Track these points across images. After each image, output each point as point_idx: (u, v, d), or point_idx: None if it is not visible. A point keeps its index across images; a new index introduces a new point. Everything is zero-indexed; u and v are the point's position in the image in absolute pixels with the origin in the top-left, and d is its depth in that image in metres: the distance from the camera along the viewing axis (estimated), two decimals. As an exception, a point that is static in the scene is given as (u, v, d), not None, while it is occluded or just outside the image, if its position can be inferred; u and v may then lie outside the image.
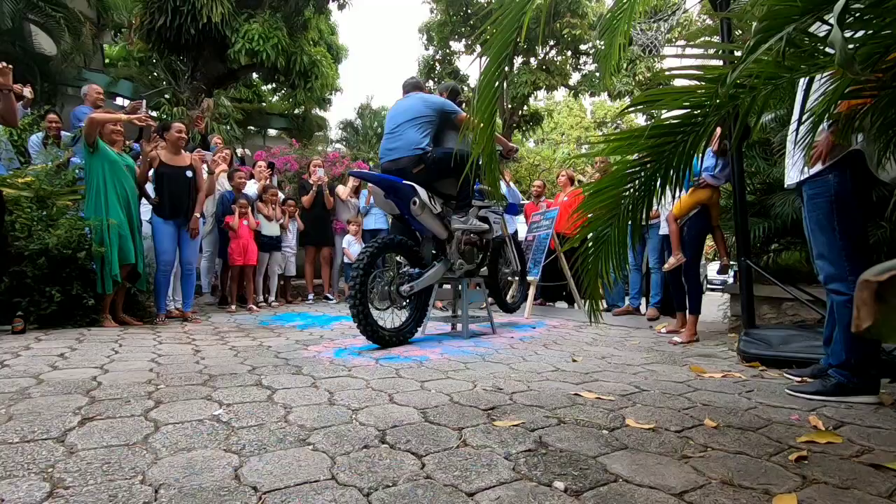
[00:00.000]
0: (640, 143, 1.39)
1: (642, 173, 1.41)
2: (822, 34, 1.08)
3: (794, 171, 2.13)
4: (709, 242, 3.78)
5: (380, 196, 3.23)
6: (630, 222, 1.49)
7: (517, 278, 4.42)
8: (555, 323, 4.42)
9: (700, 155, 1.42)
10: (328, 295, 6.10)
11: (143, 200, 4.05)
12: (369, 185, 3.28)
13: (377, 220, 6.03)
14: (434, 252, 3.39)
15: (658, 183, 1.40)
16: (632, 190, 1.44)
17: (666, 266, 3.39)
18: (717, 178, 3.27)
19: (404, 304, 3.20)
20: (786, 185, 2.23)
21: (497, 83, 1.46)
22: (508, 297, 4.59)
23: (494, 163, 1.59)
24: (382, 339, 2.96)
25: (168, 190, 4.04)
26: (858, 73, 0.94)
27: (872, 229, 3.01)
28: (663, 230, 3.72)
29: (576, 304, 5.56)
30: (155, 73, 10.77)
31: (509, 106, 15.76)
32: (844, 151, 1.88)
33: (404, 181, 3.12)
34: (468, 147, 3.08)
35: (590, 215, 1.55)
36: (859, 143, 1.85)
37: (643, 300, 5.09)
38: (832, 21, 0.84)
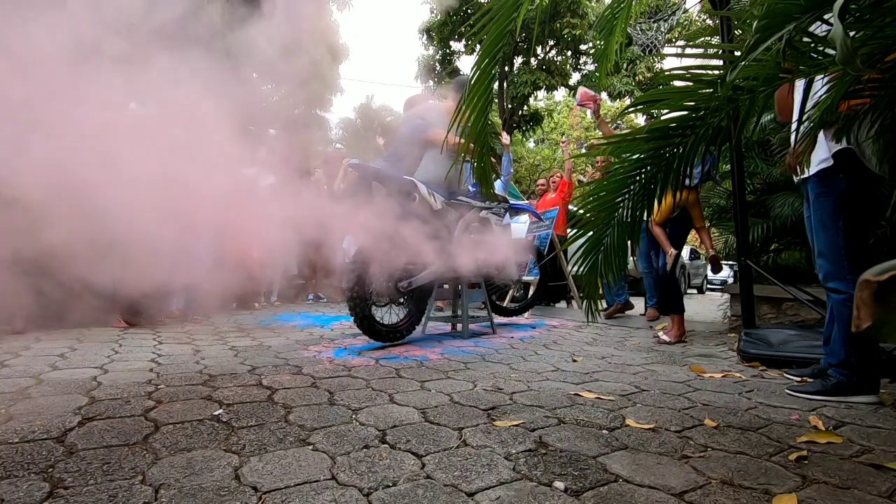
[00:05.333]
0: (639, 144, 1.39)
1: (641, 176, 1.41)
2: (821, 35, 1.08)
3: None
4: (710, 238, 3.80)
5: (381, 192, 3.24)
6: (630, 225, 1.48)
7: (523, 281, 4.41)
8: (555, 323, 4.42)
9: (700, 157, 1.42)
10: (320, 295, 6.11)
11: None
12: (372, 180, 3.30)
13: None
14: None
15: (658, 185, 1.40)
16: (631, 193, 1.44)
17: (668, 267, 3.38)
18: (693, 177, 3.28)
19: (401, 300, 3.20)
20: (795, 181, 2.23)
21: (492, 72, 1.44)
22: (507, 300, 4.58)
23: (487, 158, 1.57)
24: (379, 334, 2.96)
25: None
26: (860, 69, 0.94)
27: (872, 229, 3.01)
28: None
29: (574, 304, 5.56)
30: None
31: (509, 106, 15.76)
32: (837, 148, 1.88)
33: (405, 176, 3.13)
34: (439, 165, 3.13)
35: (589, 216, 1.55)
36: (851, 142, 1.84)
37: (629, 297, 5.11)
38: (833, 17, 0.84)
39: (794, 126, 1.95)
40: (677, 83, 1.35)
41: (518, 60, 15.74)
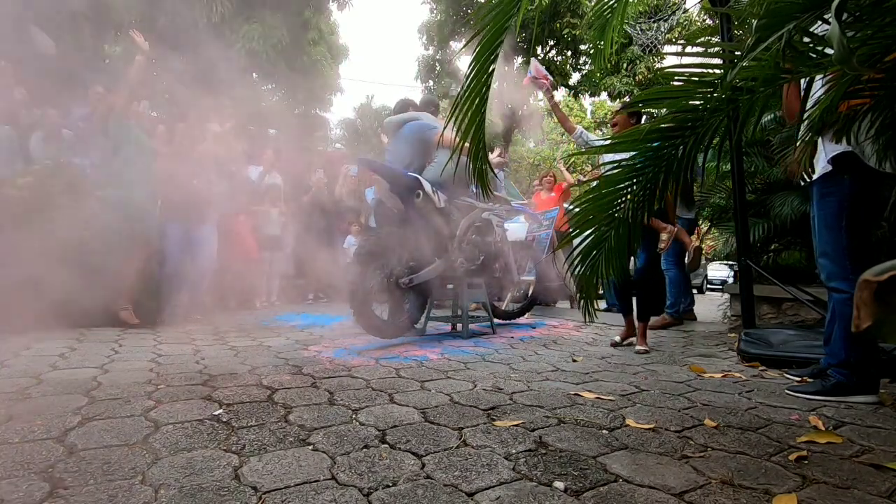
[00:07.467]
0: (638, 144, 1.39)
1: (640, 176, 1.40)
2: (821, 34, 1.08)
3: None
4: (710, 243, 3.77)
5: (385, 189, 3.24)
6: (630, 225, 1.48)
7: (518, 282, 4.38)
8: (555, 323, 4.42)
9: (702, 157, 1.41)
10: (321, 294, 6.11)
11: None
12: (376, 177, 3.30)
13: None
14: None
15: (659, 184, 1.40)
16: (630, 193, 1.43)
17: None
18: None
19: (404, 297, 3.21)
20: (802, 184, 2.22)
21: (490, 69, 1.43)
22: (505, 303, 4.56)
23: (484, 158, 1.55)
24: (379, 329, 2.96)
25: None
26: (857, 68, 0.94)
27: (873, 229, 3.01)
28: None
29: (571, 303, 5.55)
30: (155, 73, 10.78)
31: (509, 106, 15.75)
32: (835, 152, 1.88)
33: (409, 173, 3.12)
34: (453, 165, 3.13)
35: (590, 216, 1.54)
36: (853, 144, 1.84)
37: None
38: (830, 16, 0.84)
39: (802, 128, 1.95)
40: (677, 83, 1.35)
41: (518, 60, 15.74)
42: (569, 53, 15.84)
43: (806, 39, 1.11)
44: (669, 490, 1.10)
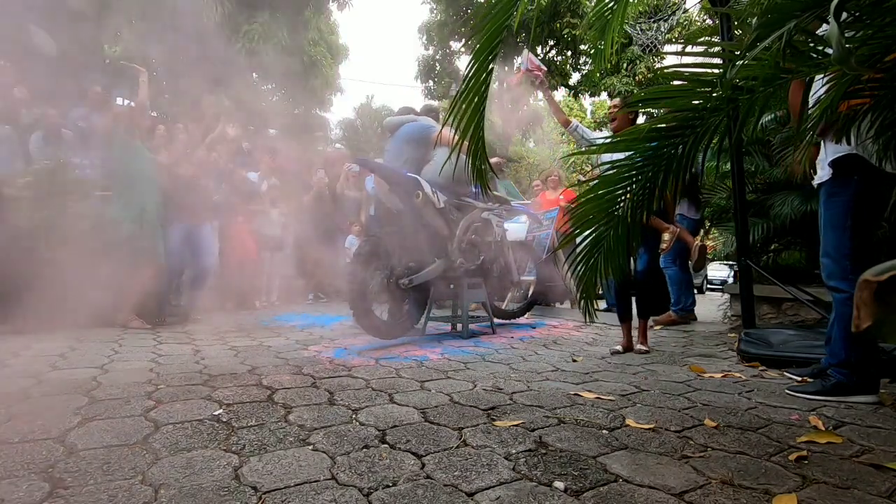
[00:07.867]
0: (637, 144, 1.39)
1: (639, 175, 1.40)
2: (821, 34, 1.08)
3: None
4: (710, 243, 3.77)
5: (385, 189, 3.24)
6: (629, 224, 1.47)
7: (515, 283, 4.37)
8: (555, 323, 4.42)
9: (702, 156, 1.41)
10: (320, 294, 6.10)
11: None
12: (375, 176, 3.30)
13: None
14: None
15: (659, 184, 1.40)
16: (629, 192, 1.43)
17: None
18: None
19: (404, 297, 3.21)
20: (815, 185, 2.21)
21: (489, 67, 1.43)
22: (505, 303, 4.56)
23: (483, 156, 1.55)
24: (379, 330, 2.97)
25: None
26: (856, 68, 0.94)
27: (874, 230, 3.01)
28: None
29: (572, 304, 5.55)
30: (155, 73, 10.79)
31: (509, 106, 15.76)
32: (835, 156, 1.88)
33: (409, 173, 3.12)
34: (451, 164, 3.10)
35: (589, 215, 1.54)
36: (853, 145, 1.84)
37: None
38: (829, 16, 0.84)
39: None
40: (677, 82, 1.35)
41: (517, 61, 15.76)
42: (569, 53, 15.86)
43: (807, 39, 1.11)
44: (669, 490, 1.10)
